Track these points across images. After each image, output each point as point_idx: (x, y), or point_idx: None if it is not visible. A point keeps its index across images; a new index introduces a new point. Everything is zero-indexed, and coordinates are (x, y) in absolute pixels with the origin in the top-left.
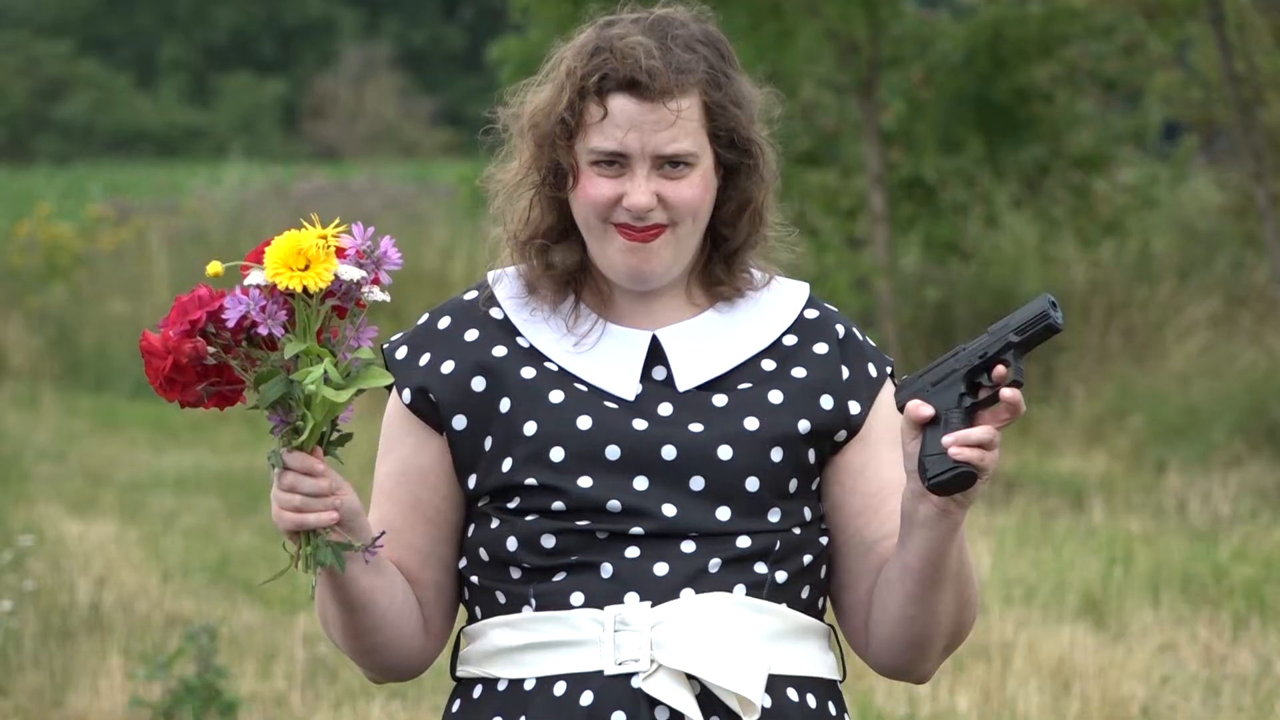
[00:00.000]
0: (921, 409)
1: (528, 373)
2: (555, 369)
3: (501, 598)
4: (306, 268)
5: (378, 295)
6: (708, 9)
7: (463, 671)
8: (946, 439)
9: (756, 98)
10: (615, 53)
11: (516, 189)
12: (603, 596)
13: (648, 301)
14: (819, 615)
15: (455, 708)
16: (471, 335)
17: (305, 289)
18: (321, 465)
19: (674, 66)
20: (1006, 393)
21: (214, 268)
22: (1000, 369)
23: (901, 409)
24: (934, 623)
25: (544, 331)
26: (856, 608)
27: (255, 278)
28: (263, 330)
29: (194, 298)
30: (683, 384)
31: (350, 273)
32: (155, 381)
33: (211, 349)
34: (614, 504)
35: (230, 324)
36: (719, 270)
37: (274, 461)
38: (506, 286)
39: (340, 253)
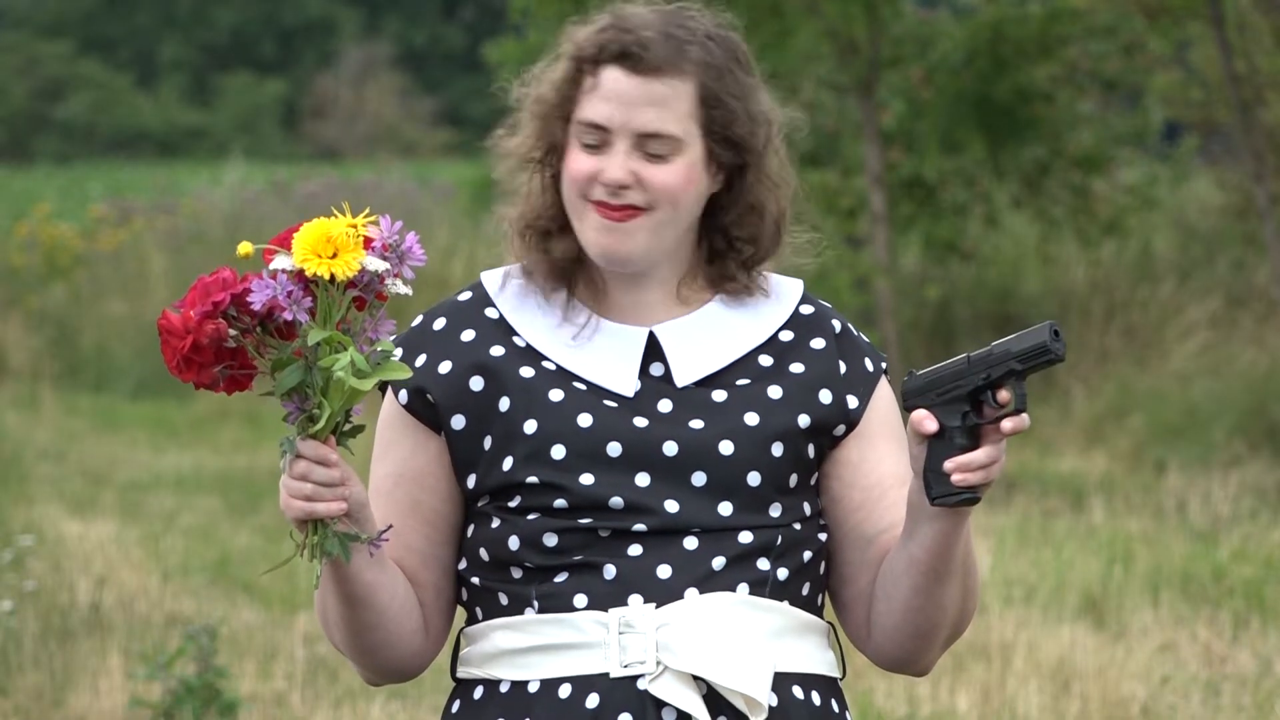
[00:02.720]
0: (927, 423)
1: (526, 372)
2: (553, 368)
3: (503, 599)
4: (334, 255)
5: (400, 288)
6: (730, 17)
7: (463, 672)
8: (949, 464)
9: (769, 107)
10: (616, 26)
11: (520, 168)
12: (606, 599)
13: (636, 295)
14: (818, 613)
15: (455, 708)
16: (468, 336)
17: (332, 276)
18: (334, 455)
19: (673, 47)
20: (1007, 424)
21: (244, 248)
22: (1004, 394)
23: (905, 408)
24: (939, 614)
25: (539, 328)
26: (858, 601)
27: (281, 262)
28: (288, 316)
29: (217, 279)
30: (681, 380)
31: (375, 264)
32: (172, 361)
33: (232, 331)
34: (616, 500)
35: (256, 307)
36: (734, 270)
37: (286, 449)
38: (502, 286)
39: (366, 243)
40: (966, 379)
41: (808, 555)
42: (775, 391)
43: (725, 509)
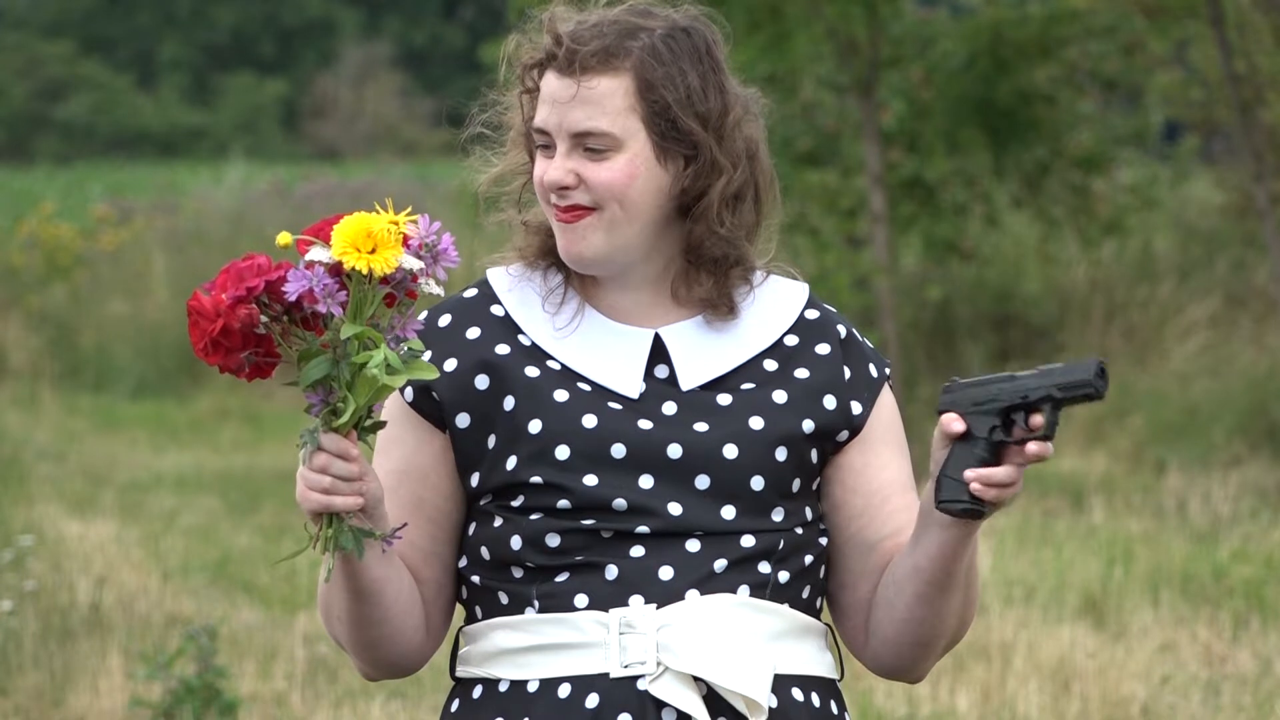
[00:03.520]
0: (954, 425)
1: (531, 371)
2: (558, 367)
3: (504, 598)
4: (373, 251)
5: (433, 288)
6: (706, 10)
7: (463, 671)
8: (970, 473)
9: (737, 95)
10: (549, 30)
11: (515, 177)
12: (607, 599)
13: (626, 295)
14: (817, 615)
15: (454, 707)
16: (473, 333)
17: (369, 272)
18: (355, 449)
19: (605, 44)
20: (1032, 447)
21: (284, 239)
22: (1037, 418)
23: (939, 411)
24: (940, 623)
25: (543, 325)
26: (856, 607)
27: (318, 254)
28: (321, 308)
29: (252, 265)
30: (686, 383)
31: (411, 263)
32: (200, 343)
33: (263, 318)
34: (620, 502)
35: (290, 298)
36: (725, 268)
37: (307, 440)
38: (506, 283)
39: (404, 241)
40: (1005, 395)
41: (809, 559)
42: (780, 396)
43: (728, 512)
